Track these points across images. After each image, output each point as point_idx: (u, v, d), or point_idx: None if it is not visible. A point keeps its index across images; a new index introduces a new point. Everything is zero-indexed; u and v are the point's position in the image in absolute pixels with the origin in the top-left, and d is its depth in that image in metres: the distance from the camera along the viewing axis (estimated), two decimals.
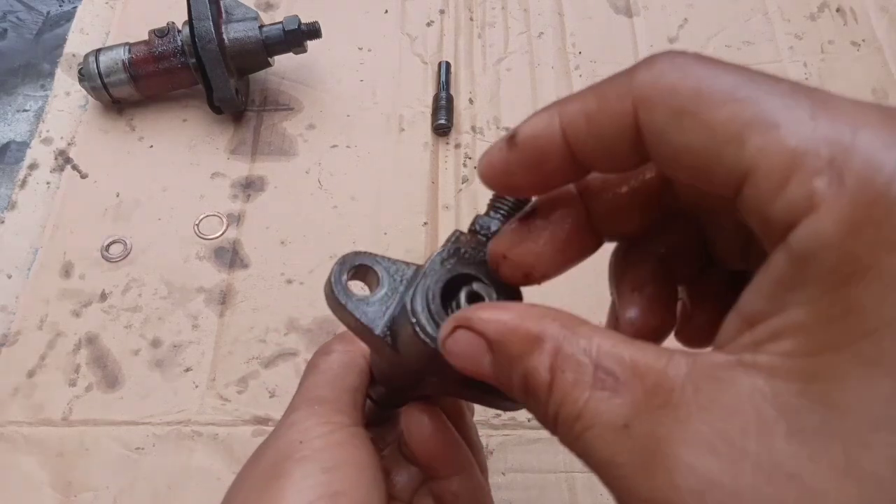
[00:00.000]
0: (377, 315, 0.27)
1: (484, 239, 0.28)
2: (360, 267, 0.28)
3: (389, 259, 0.28)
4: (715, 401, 0.17)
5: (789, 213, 0.17)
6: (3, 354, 0.54)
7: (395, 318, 0.27)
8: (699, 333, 0.25)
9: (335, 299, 0.27)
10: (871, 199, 0.16)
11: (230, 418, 0.51)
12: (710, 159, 0.18)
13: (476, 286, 0.26)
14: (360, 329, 0.28)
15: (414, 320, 0.25)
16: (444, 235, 0.59)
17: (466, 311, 0.22)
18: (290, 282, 0.57)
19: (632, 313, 0.25)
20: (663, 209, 0.24)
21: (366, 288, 0.29)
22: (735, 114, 0.17)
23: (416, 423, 0.31)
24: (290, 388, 0.53)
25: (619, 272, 0.26)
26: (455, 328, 0.22)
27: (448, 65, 0.67)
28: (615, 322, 0.25)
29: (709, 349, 0.19)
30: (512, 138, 0.22)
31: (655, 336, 0.25)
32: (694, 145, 0.18)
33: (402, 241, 0.59)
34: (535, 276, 0.25)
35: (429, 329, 0.25)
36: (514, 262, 0.25)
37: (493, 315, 0.21)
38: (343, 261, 0.28)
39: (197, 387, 0.53)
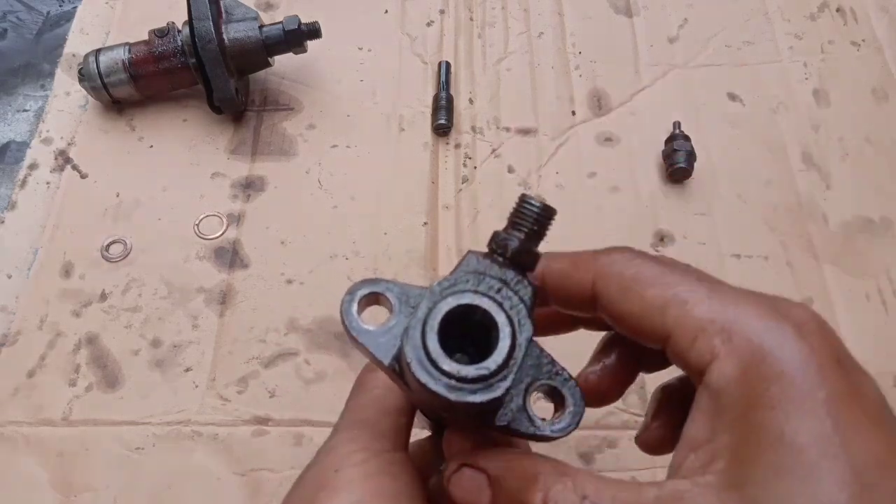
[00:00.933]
0: (389, 345, 0.26)
1: (500, 259, 0.27)
2: (370, 295, 0.27)
3: (401, 284, 0.27)
4: None
5: (699, 361, 0.25)
6: (3, 354, 0.54)
7: (401, 349, 0.26)
8: (653, 442, 0.32)
9: (346, 330, 0.27)
10: (752, 350, 0.24)
11: (230, 418, 0.51)
12: (643, 321, 0.26)
13: (480, 316, 0.25)
14: (372, 359, 0.27)
15: (409, 361, 0.24)
16: (444, 235, 0.59)
17: (470, 455, 0.28)
18: (290, 282, 0.57)
19: (592, 376, 0.31)
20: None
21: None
22: (659, 293, 0.26)
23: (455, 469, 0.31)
24: (291, 388, 0.53)
25: (600, 348, 0.33)
26: (461, 465, 0.27)
27: (448, 65, 0.67)
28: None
29: (673, 479, 0.25)
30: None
31: (600, 398, 0.31)
32: (633, 311, 0.27)
33: (402, 241, 0.59)
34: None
35: (421, 373, 0.24)
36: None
37: (495, 455, 0.27)
38: (352, 290, 0.27)
39: (197, 387, 0.53)
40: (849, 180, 0.62)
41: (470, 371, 0.24)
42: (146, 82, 0.62)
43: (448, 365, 0.24)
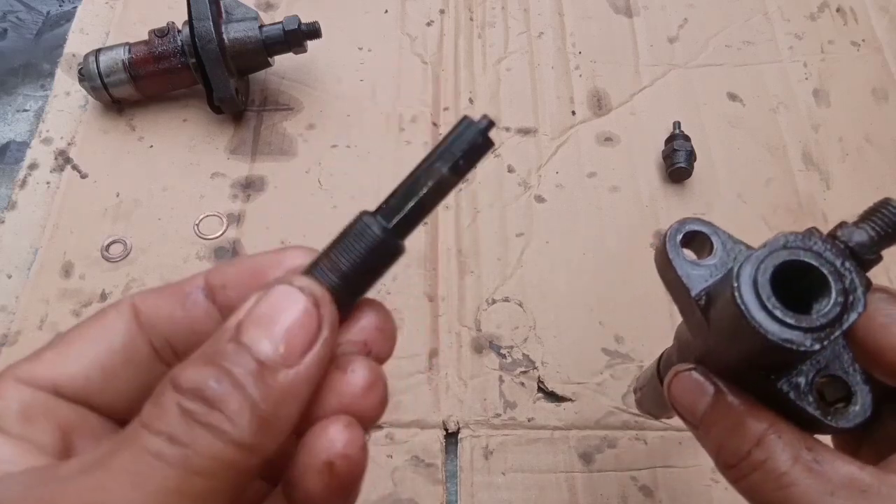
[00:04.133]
0: (699, 279, 0.28)
1: (841, 245, 0.28)
2: (697, 233, 0.29)
3: (730, 235, 0.29)
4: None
5: None
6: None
7: (716, 284, 0.27)
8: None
9: (664, 253, 0.28)
10: None
11: None
12: None
13: (814, 275, 0.26)
14: (678, 286, 0.28)
15: (735, 284, 0.25)
16: (444, 235, 0.59)
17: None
18: None
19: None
20: None
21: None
22: None
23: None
24: None
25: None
26: (693, 368, 0.27)
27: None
28: None
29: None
30: None
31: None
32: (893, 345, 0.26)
33: None
34: None
35: (746, 298, 0.24)
36: None
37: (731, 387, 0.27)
38: (683, 221, 0.29)
39: None
40: (849, 180, 0.62)
41: (789, 317, 0.24)
42: (146, 82, 0.62)
43: (770, 302, 0.25)
